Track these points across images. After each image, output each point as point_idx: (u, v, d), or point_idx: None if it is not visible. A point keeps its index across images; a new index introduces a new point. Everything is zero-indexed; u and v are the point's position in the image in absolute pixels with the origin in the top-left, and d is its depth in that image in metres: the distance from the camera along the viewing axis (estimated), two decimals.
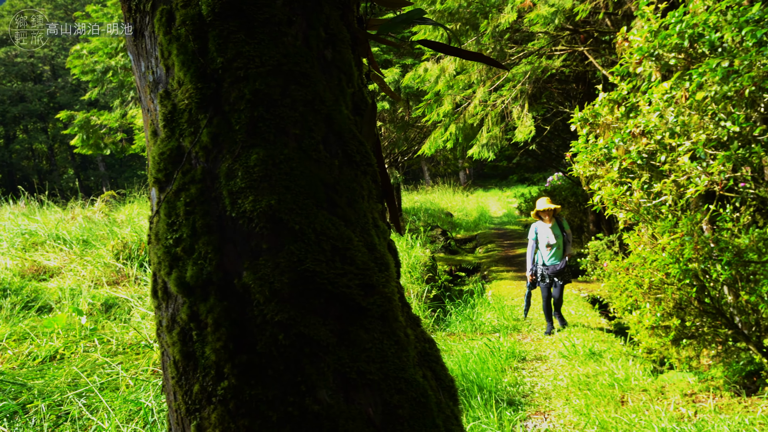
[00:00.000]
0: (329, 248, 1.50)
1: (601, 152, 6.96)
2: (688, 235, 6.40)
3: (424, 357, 1.68)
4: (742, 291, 6.83)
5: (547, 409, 7.22)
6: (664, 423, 6.09)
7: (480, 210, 29.51)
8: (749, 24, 5.76)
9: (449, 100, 13.47)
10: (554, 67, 12.88)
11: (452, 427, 1.59)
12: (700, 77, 5.92)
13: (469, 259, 18.69)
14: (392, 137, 19.70)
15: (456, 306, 12.35)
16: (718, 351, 7.09)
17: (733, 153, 5.93)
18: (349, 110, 1.69)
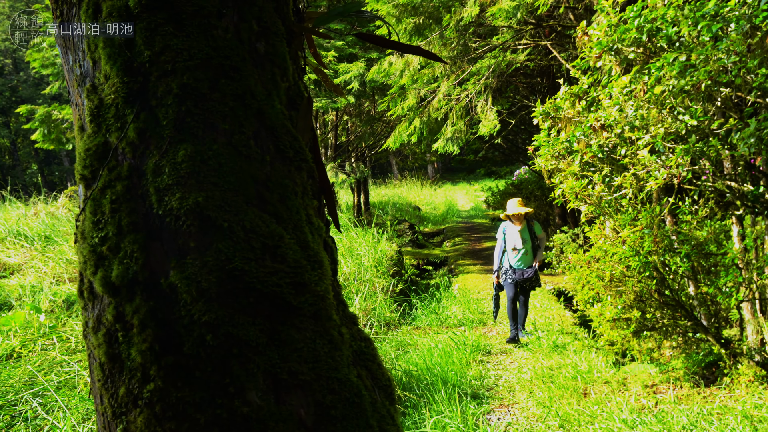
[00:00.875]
0: (259, 246, 1.46)
1: (562, 146, 6.98)
2: (648, 228, 6.45)
3: (359, 356, 1.65)
4: (701, 283, 6.90)
5: (510, 402, 7.25)
6: (625, 414, 6.14)
7: (448, 204, 29.58)
8: (705, 19, 5.80)
9: (414, 94, 13.46)
10: (519, 61, 12.91)
11: (387, 426, 1.56)
12: (659, 71, 5.96)
13: (436, 253, 18.72)
14: (358, 131, 19.65)
15: (422, 300, 12.36)
16: (678, 342, 7.17)
17: (691, 146, 5.98)
18: (284, 105, 1.66)
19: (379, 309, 10.91)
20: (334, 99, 15.84)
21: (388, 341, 9.55)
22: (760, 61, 5.62)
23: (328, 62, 15.40)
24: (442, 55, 12.50)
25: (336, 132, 21.18)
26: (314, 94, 16.15)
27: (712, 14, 5.79)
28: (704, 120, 6.03)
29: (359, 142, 20.62)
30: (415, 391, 7.18)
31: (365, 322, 10.21)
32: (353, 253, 12.75)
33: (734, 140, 5.76)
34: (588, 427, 6.15)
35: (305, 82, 1.88)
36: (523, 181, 23.49)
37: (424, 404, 6.74)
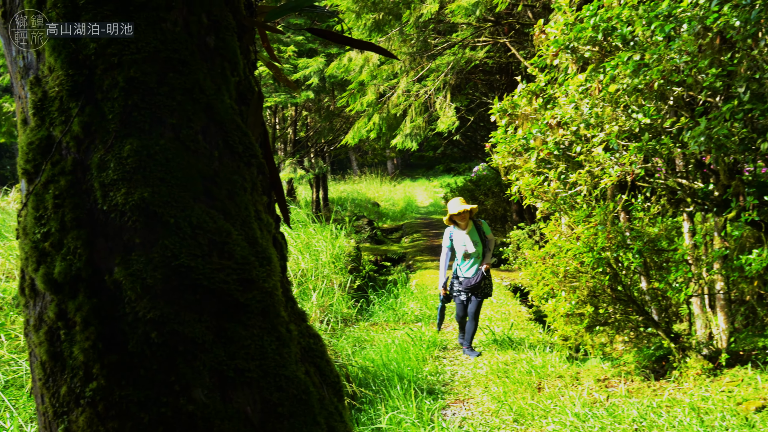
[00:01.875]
0: (206, 242, 1.45)
1: (519, 143, 7.05)
2: (602, 225, 6.54)
3: (307, 353, 1.65)
4: (653, 278, 7.03)
5: (466, 397, 7.30)
6: (577, 408, 6.22)
7: (407, 200, 29.65)
8: (659, 19, 5.89)
9: (373, 89, 13.46)
10: (478, 59, 13.00)
11: (335, 423, 1.56)
12: (613, 70, 6.04)
13: (394, 249, 18.76)
14: (317, 127, 19.60)
15: (380, 296, 12.38)
16: (630, 337, 7.29)
17: (644, 144, 6.08)
18: (234, 100, 1.64)
19: (337, 305, 10.90)
20: (293, 94, 15.78)
21: (345, 337, 9.55)
22: (711, 61, 5.74)
23: (287, 57, 15.32)
24: (401, 51, 12.53)
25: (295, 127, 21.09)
26: (273, 89, 16.06)
27: (665, 15, 5.89)
28: (657, 118, 6.13)
29: (318, 138, 20.55)
30: (372, 387, 7.19)
31: (322, 318, 10.18)
32: (311, 248, 12.71)
33: (685, 138, 5.87)
34: (541, 421, 6.22)
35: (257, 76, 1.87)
36: (482, 177, 23.63)
37: (380, 400, 6.75)
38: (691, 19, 5.77)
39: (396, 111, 13.27)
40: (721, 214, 6.52)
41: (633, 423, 5.69)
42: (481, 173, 24.27)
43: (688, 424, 5.39)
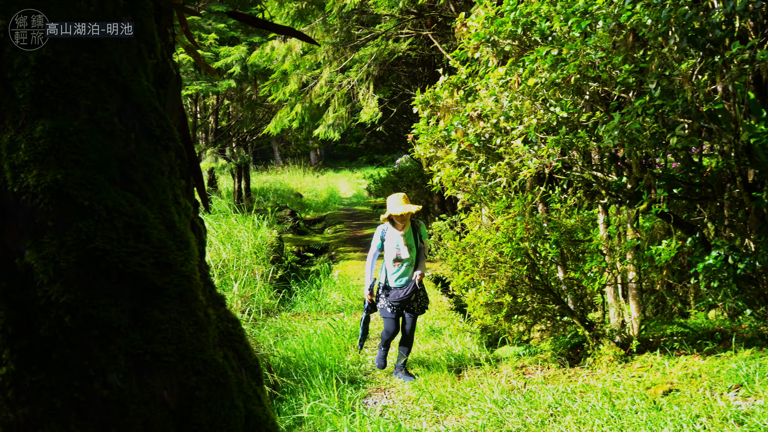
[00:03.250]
0: (122, 225, 1.42)
1: (441, 134, 7.13)
2: (521, 216, 6.69)
3: (226, 337, 1.64)
4: (569, 268, 7.22)
5: (387, 386, 7.36)
6: (496, 395, 6.36)
7: (330, 191, 29.61)
8: (576, 15, 6.05)
9: (296, 79, 13.39)
10: (401, 50, 13.06)
11: (253, 407, 1.56)
12: (532, 64, 6.17)
13: (317, 240, 18.73)
14: (240, 116, 19.36)
15: (302, 286, 12.35)
16: (547, 326, 7.48)
17: (561, 137, 6.23)
18: (151, 82, 1.61)
19: (259, 296, 10.83)
20: (214, 82, 15.54)
21: (267, 328, 9.49)
22: (624, 57, 5.92)
23: (208, 45, 15.07)
24: (324, 41, 12.50)
25: (216, 116, 20.78)
26: (194, 77, 15.78)
27: (581, 11, 6.05)
28: (573, 112, 6.30)
29: (240, 127, 20.31)
30: (293, 377, 7.18)
31: (244, 308, 10.09)
32: (233, 239, 12.58)
33: (600, 132, 6.04)
34: (461, 408, 6.33)
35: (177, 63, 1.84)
36: (404, 169, 23.79)
37: (302, 390, 6.75)
38: (606, 16, 5.94)
39: (319, 101, 13.24)
40: (633, 206, 6.74)
41: (549, 408, 5.85)
42: (404, 165, 24.43)
43: (600, 409, 5.57)
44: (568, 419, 5.51)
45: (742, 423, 5.00)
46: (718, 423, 5.05)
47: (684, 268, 7.74)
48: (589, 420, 5.42)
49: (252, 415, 1.55)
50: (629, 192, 6.79)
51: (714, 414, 5.20)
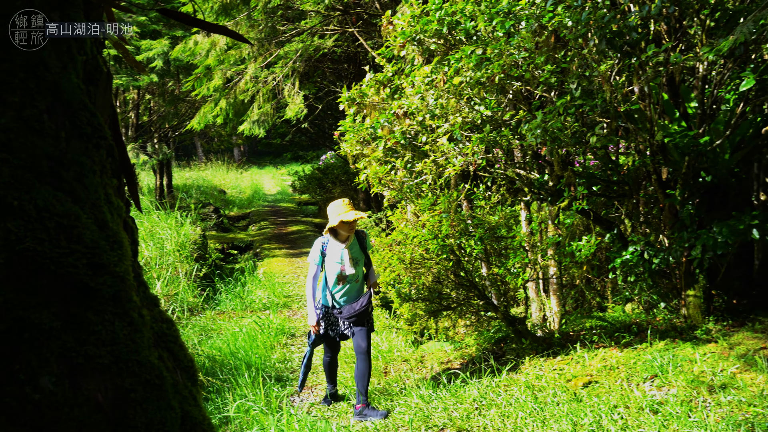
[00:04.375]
0: (53, 226, 1.39)
1: (367, 132, 7.16)
2: (446, 213, 6.77)
3: (161, 338, 1.62)
4: (493, 264, 7.36)
5: (314, 384, 7.36)
6: (422, 390, 6.43)
7: (254, 187, 29.33)
8: (500, 15, 6.16)
9: (220, 74, 13.22)
10: (326, 47, 13.05)
11: (189, 407, 1.55)
12: (457, 63, 6.26)
13: (241, 237, 18.53)
14: (162, 111, 18.98)
15: (227, 284, 12.21)
16: (471, 321, 7.61)
17: (485, 135, 6.34)
18: (81, 79, 1.58)
19: (182, 294, 10.66)
20: (135, 77, 15.20)
21: (191, 326, 9.36)
22: (546, 58, 6.06)
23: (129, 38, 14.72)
24: (249, 36, 12.37)
25: (138, 111, 20.31)
26: (114, 70, 15.38)
27: (505, 11, 6.16)
28: (497, 111, 6.42)
29: (162, 123, 19.92)
30: (219, 376, 7.10)
31: (167, 307, 9.92)
32: (155, 236, 12.34)
33: (523, 131, 6.17)
34: (388, 403, 6.38)
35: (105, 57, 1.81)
36: (329, 165, 23.78)
37: (228, 389, 6.69)
38: (529, 17, 6.07)
39: (244, 97, 13.11)
40: (555, 203, 6.92)
41: (474, 402, 5.95)
42: (328, 161, 24.42)
43: (523, 401, 5.70)
44: (493, 412, 5.62)
45: (657, 412, 5.20)
46: (634, 413, 5.23)
47: (603, 264, 7.99)
48: (512, 413, 5.54)
49: (188, 417, 1.54)
50: (551, 189, 6.96)
51: (631, 404, 5.39)
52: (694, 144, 6.49)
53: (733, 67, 6.52)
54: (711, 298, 7.20)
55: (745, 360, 6.21)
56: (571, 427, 5.12)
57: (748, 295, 7.74)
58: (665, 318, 7.31)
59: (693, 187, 6.72)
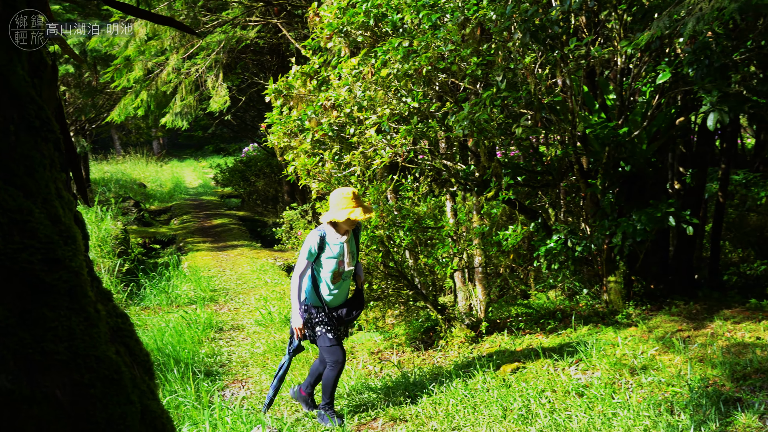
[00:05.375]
0: (6, 221, 1.35)
1: (294, 124, 7.13)
2: (375, 204, 6.82)
3: (116, 332, 1.60)
4: (421, 255, 7.44)
5: (245, 377, 7.31)
6: (353, 381, 6.47)
7: (175, 180, 28.80)
8: (426, 8, 6.22)
9: (141, 65, 12.93)
10: (249, 38, 12.91)
11: (148, 401, 1.54)
12: (385, 55, 6.30)
13: (164, 231, 18.19)
14: (78, 103, 18.43)
15: (151, 279, 11.98)
16: (401, 311, 7.68)
17: (413, 127, 6.41)
18: (26, 71, 1.54)
19: None
20: None
21: None
22: (472, 50, 6.16)
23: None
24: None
25: None
26: None
27: (431, 4, 6.23)
28: (424, 103, 6.49)
29: (79, 115, 19.33)
30: None
31: None
32: None
33: (450, 122, 6.27)
34: (318, 394, 6.38)
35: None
36: (252, 158, 23.56)
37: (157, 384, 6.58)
38: (454, 9, 6.16)
39: (166, 88, 12.86)
40: (481, 194, 7.04)
41: (405, 391, 6.02)
42: (251, 154, 24.18)
43: (454, 389, 5.80)
44: (425, 400, 5.70)
45: (582, 395, 5.37)
46: (561, 396, 5.39)
47: (528, 253, 8.18)
48: (444, 400, 5.63)
49: (148, 411, 1.53)
50: (477, 180, 7.08)
51: (557, 388, 5.55)
52: (614, 135, 6.70)
53: (649, 61, 6.76)
54: (631, 283, 7.47)
55: (663, 342, 6.47)
56: (502, 412, 5.24)
57: (665, 280, 8.06)
58: (588, 304, 7.55)
59: (613, 176, 6.94)
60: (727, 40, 5.91)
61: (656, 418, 4.80)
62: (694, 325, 6.98)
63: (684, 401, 5.04)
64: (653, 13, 6.37)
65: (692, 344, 6.40)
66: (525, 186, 7.64)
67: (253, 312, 9.96)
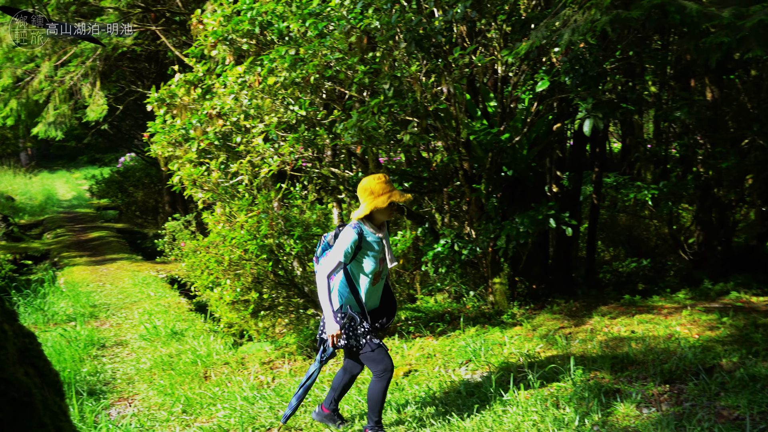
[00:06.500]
0: None
1: (179, 133, 6.99)
2: (264, 213, 6.77)
3: (24, 353, 1.54)
4: (310, 262, 7.44)
5: (131, 394, 7.08)
6: (246, 392, 6.39)
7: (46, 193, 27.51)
8: (312, 17, 6.25)
9: (9, 73, 12.32)
10: (126, 45, 12.55)
11: (61, 423, 1.49)
12: (271, 63, 6.27)
13: (36, 246, 17.34)
14: None
15: (25, 297, 11.40)
16: (291, 319, 7.64)
17: (301, 135, 6.41)
18: None
19: None
20: None
21: None
22: (360, 59, 6.24)
23: None
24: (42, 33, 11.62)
25: None
26: None
27: (317, 12, 6.26)
28: (311, 111, 6.51)
29: None
30: None
31: None
32: None
33: (339, 130, 6.31)
34: (211, 408, 6.27)
35: None
36: (130, 168, 22.85)
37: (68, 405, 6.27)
38: (340, 18, 6.22)
39: (38, 97, 12.31)
40: None
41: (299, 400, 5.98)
42: (129, 164, 23.44)
43: (348, 395, 5.82)
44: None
45: (473, 394, 5.52)
46: (453, 396, 5.52)
47: (415, 257, 8.32)
48: (339, 407, 5.64)
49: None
50: None
51: (449, 388, 5.68)
52: (496, 141, 6.94)
53: (528, 69, 7.04)
54: (515, 284, 7.73)
55: (546, 340, 6.74)
56: (396, 416, 5.32)
57: (546, 279, 8.40)
58: (474, 305, 7.76)
59: (496, 181, 7.18)
60: (600, 50, 6.23)
61: (543, 412, 5.00)
62: (575, 322, 7.30)
63: (568, 395, 5.27)
64: (530, 24, 6.65)
65: (574, 340, 6.70)
66: (412, 192, 7.78)
67: (137, 327, 9.64)
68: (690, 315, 7.14)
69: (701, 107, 8.24)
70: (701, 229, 9.08)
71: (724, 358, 5.65)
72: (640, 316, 7.27)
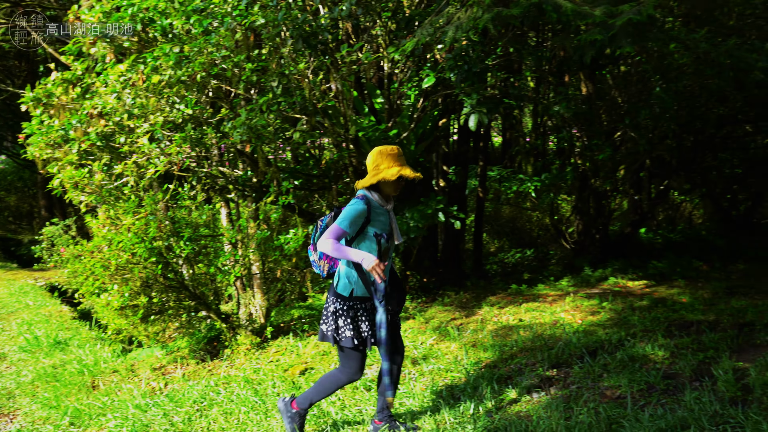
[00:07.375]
0: None
1: (58, 134, 6.70)
2: (152, 215, 6.59)
3: None
4: (202, 264, 7.31)
5: (12, 410, 6.75)
6: (137, 400, 6.21)
7: None
8: (196, 13, 6.12)
9: None
10: None
11: None
12: (155, 61, 6.11)
13: None
14: None
15: None
16: (182, 322, 7.48)
17: (187, 134, 6.28)
18: None
19: None
20: None
21: None
22: (247, 56, 6.17)
23: None
24: None
25: None
26: None
27: (201, 9, 6.14)
28: (198, 109, 6.39)
29: None
30: None
31: None
32: None
33: (227, 129, 6.23)
34: (100, 419, 6.07)
35: None
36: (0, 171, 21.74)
37: None
38: (225, 15, 6.12)
39: None
40: (260, 199, 7.07)
41: (194, 404, 5.88)
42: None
43: (244, 396, 5.77)
44: (215, 411, 5.61)
45: (370, 389, 5.59)
46: (350, 392, 5.57)
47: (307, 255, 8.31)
48: (234, 409, 5.57)
49: None
50: (256, 186, 7.09)
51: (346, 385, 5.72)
52: (384, 137, 7.02)
53: (413, 66, 7.15)
54: (406, 278, 7.85)
55: (439, 332, 6.89)
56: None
57: (437, 273, 8.57)
58: None
59: None
60: (482, 47, 6.41)
61: (439, 403, 5.10)
62: (466, 313, 7.50)
63: (462, 384, 5.41)
64: (414, 21, 6.76)
65: (465, 331, 6.88)
66: (302, 189, 7.76)
67: (15, 338, 9.20)
68: (573, 301, 7.47)
69: (577, 102, 8.62)
70: (580, 219, 9.50)
71: (605, 340, 5.94)
72: (527, 304, 7.54)
